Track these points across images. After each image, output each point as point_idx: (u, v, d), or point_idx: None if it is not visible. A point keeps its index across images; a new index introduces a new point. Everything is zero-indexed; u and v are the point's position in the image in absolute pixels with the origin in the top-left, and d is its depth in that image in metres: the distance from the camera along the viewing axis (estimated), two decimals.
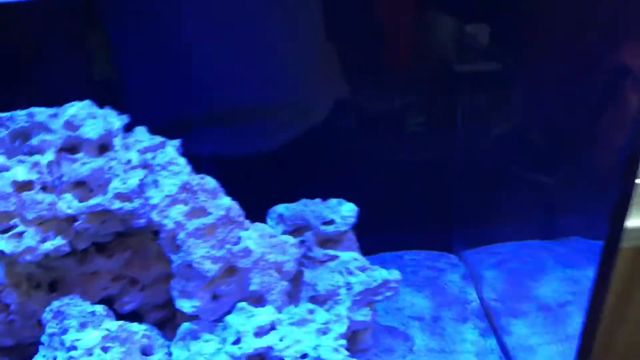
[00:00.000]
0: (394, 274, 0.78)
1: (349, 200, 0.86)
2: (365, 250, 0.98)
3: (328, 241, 0.81)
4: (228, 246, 0.69)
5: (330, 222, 0.80)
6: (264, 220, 0.82)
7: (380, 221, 1.00)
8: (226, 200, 0.70)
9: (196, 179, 0.68)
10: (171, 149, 0.68)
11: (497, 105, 0.94)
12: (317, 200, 0.82)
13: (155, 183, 0.67)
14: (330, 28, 0.93)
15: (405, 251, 1.03)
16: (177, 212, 0.67)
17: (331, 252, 0.79)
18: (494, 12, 0.89)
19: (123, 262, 0.75)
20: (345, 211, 0.80)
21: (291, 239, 0.76)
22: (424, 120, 0.98)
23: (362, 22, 0.93)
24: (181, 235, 0.67)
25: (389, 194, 0.99)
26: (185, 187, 0.68)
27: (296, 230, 0.82)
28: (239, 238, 0.70)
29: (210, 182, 0.69)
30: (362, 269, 0.78)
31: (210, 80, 0.93)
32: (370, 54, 0.96)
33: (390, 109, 0.99)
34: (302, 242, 0.80)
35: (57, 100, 0.71)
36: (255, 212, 0.83)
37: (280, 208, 0.82)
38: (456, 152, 0.98)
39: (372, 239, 1.02)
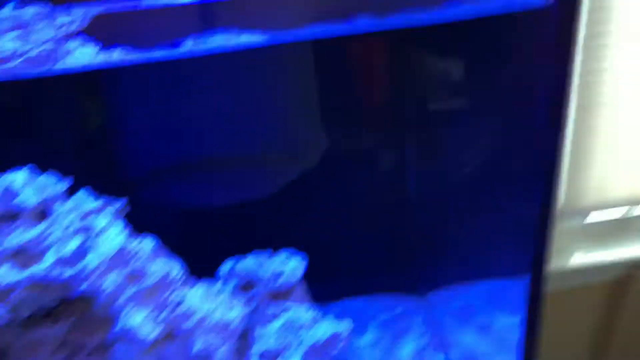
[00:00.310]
0: (344, 326, 0.77)
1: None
2: (328, 297, 0.98)
3: (278, 295, 0.80)
4: (169, 308, 0.69)
5: (279, 275, 0.79)
6: None
7: (343, 266, 1.00)
8: (166, 262, 0.70)
9: (134, 242, 0.68)
10: (107, 212, 0.68)
11: (455, 143, 0.94)
12: (267, 253, 0.82)
13: (93, 248, 0.67)
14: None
15: (368, 295, 1.02)
16: (115, 276, 0.67)
17: (281, 305, 0.78)
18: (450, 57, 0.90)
19: (68, 327, 0.74)
20: (293, 264, 0.80)
21: (238, 296, 0.75)
22: (384, 163, 0.98)
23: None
24: (120, 300, 0.67)
25: (351, 239, 0.99)
26: (122, 251, 0.67)
27: (247, 284, 0.81)
28: (181, 299, 0.70)
29: (149, 244, 0.69)
30: (313, 322, 0.77)
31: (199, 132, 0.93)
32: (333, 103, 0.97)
33: (350, 153, 0.99)
34: (252, 297, 0.79)
35: None
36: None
37: (230, 263, 0.82)
38: (417, 192, 0.98)
39: (335, 284, 1.02)
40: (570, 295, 1.42)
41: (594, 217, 1.39)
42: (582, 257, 1.39)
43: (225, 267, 0.82)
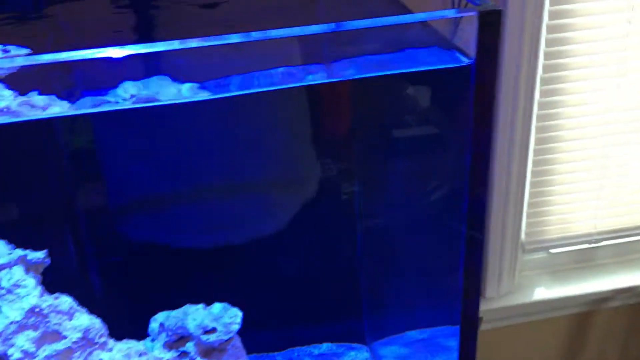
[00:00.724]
0: None
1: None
2: (275, 346, 0.93)
3: (212, 351, 0.75)
4: None
5: (212, 330, 0.74)
6: None
7: (289, 314, 0.95)
8: (84, 320, 0.64)
9: (48, 300, 0.63)
10: (18, 269, 0.63)
11: (401, 187, 0.91)
12: (200, 306, 0.76)
13: (1, 307, 0.62)
14: None
15: (316, 344, 0.97)
16: (25, 339, 0.62)
17: None
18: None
19: None
20: (227, 318, 0.75)
21: (166, 354, 0.70)
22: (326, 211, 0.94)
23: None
24: None
25: (297, 286, 0.95)
26: (34, 311, 0.62)
27: (179, 339, 0.76)
28: None
29: (65, 302, 0.64)
30: None
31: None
32: None
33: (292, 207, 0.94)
34: (184, 354, 0.74)
35: None
36: None
37: (161, 316, 0.77)
38: (362, 239, 0.94)
39: (281, 333, 0.97)
40: (532, 328, 1.39)
41: (557, 252, 1.37)
42: (544, 292, 1.36)
43: (157, 320, 0.77)
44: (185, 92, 0.72)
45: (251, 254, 0.94)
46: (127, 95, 0.72)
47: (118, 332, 0.71)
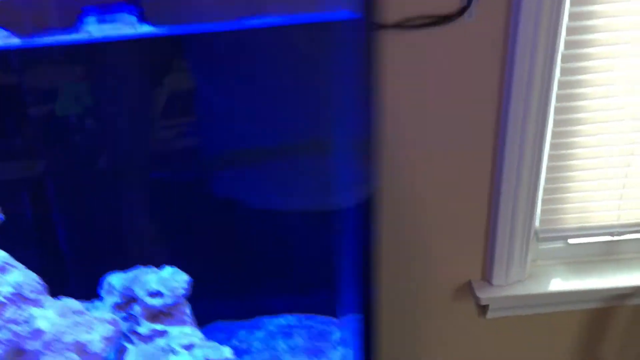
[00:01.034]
0: (224, 352, 0.71)
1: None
2: (242, 314, 0.92)
3: (158, 314, 0.74)
4: (14, 327, 0.63)
5: (158, 294, 0.73)
6: None
7: (260, 283, 0.93)
8: (16, 276, 0.64)
9: None
10: None
11: None
12: (151, 268, 0.76)
13: None
14: None
15: (285, 314, 0.95)
16: None
17: (160, 327, 0.72)
18: None
19: None
20: (174, 282, 0.73)
21: (106, 314, 0.70)
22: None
23: None
24: None
25: (268, 256, 0.92)
26: None
27: (129, 301, 0.75)
28: (30, 317, 0.64)
29: None
30: (189, 347, 0.71)
31: None
32: None
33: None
34: (130, 316, 0.74)
35: None
36: None
37: (112, 277, 0.76)
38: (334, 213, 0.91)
39: (250, 302, 0.96)
40: (545, 320, 1.32)
41: (575, 242, 1.29)
42: (560, 283, 1.29)
43: (108, 281, 0.76)
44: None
45: (231, 221, 0.92)
46: None
47: None
